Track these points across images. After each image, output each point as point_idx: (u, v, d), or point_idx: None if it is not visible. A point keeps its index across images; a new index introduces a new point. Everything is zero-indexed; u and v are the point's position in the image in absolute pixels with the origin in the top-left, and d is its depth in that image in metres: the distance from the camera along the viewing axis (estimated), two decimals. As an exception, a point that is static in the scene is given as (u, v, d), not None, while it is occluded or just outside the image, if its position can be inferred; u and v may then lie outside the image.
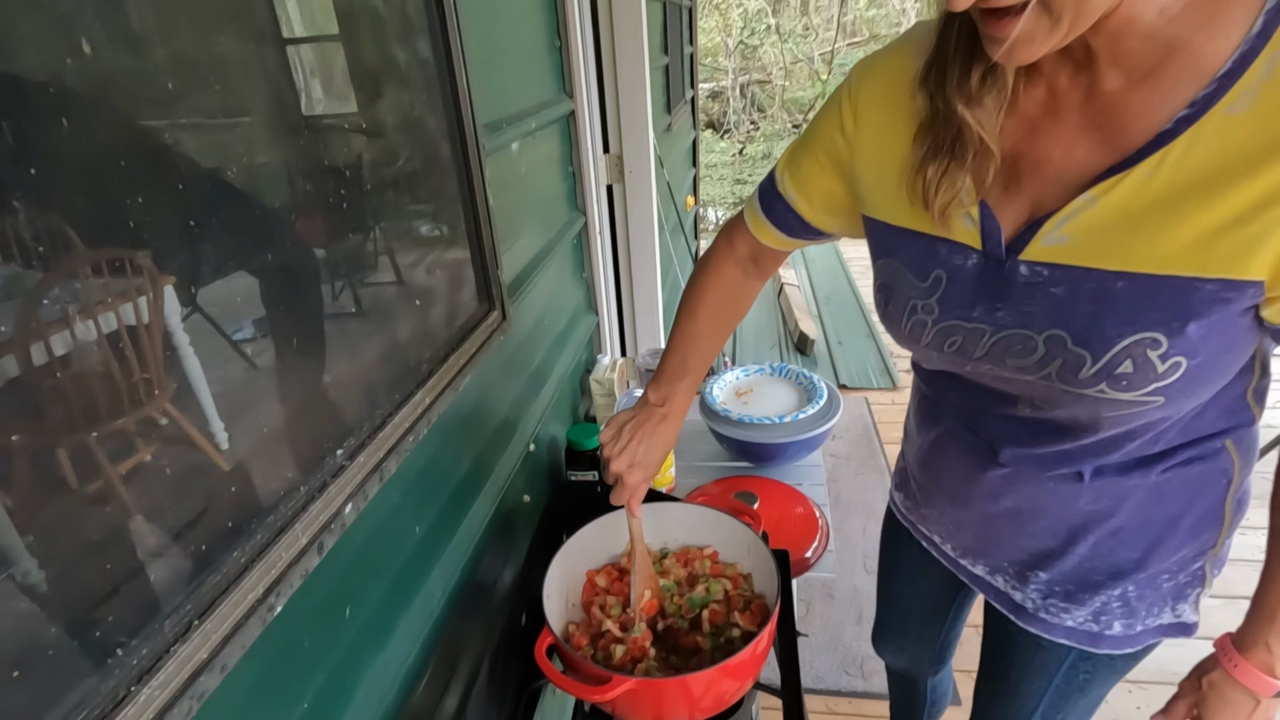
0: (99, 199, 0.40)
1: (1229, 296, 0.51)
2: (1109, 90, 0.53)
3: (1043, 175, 0.57)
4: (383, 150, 0.72)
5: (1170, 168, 0.50)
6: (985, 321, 0.62)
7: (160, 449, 0.45)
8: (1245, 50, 0.47)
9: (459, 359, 0.85)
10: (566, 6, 1.32)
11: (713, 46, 10.75)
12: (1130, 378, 0.55)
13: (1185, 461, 0.67)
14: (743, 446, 1.38)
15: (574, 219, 1.48)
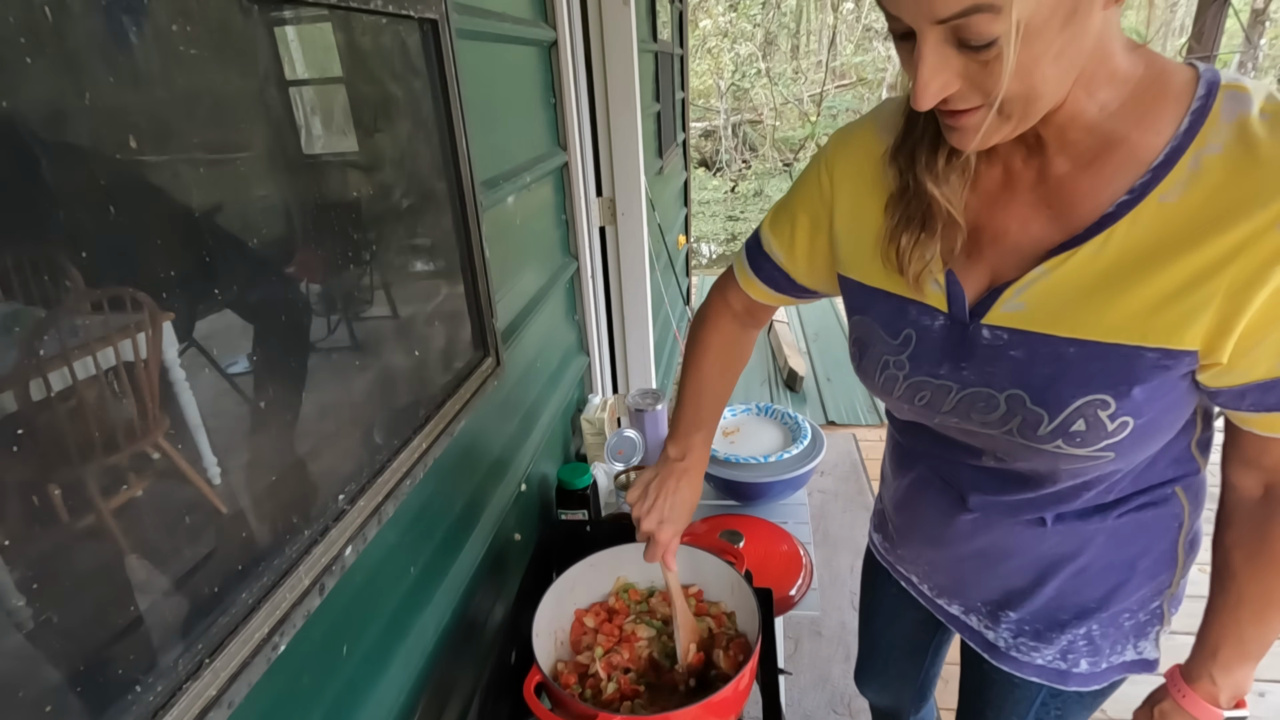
0: (101, 236, 0.42)
1: (1168, 364, 0.56)
2: (1058, 173, 0.59)
3: (1002, 246, 0.62)
4: (386, 210, 0.77)
5: (1114, 246, 0.55)
6: (952, 379, 0.66)
7: (172, 491, 0.48)
8: (1175, 145, 0.53)
9: (454, 404, 0.89)
10: (561, 65, 1.40)
11: (705, 89, 11.05)
12: (1083, 435, 0.59)
13: (1139, 507, 0.71)
14: (729, 485, 1.42)
15: (567, 264, 1.54)
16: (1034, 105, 0.51)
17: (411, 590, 0.82)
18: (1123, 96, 0.54)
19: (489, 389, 0.99)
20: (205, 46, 0.50)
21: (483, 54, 1.04)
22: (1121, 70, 0.54)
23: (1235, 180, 0.50)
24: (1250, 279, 0.50)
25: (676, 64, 3.95)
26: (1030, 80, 0.49)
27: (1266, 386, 0.55)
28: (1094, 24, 0.48)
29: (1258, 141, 0.50)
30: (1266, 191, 0.49)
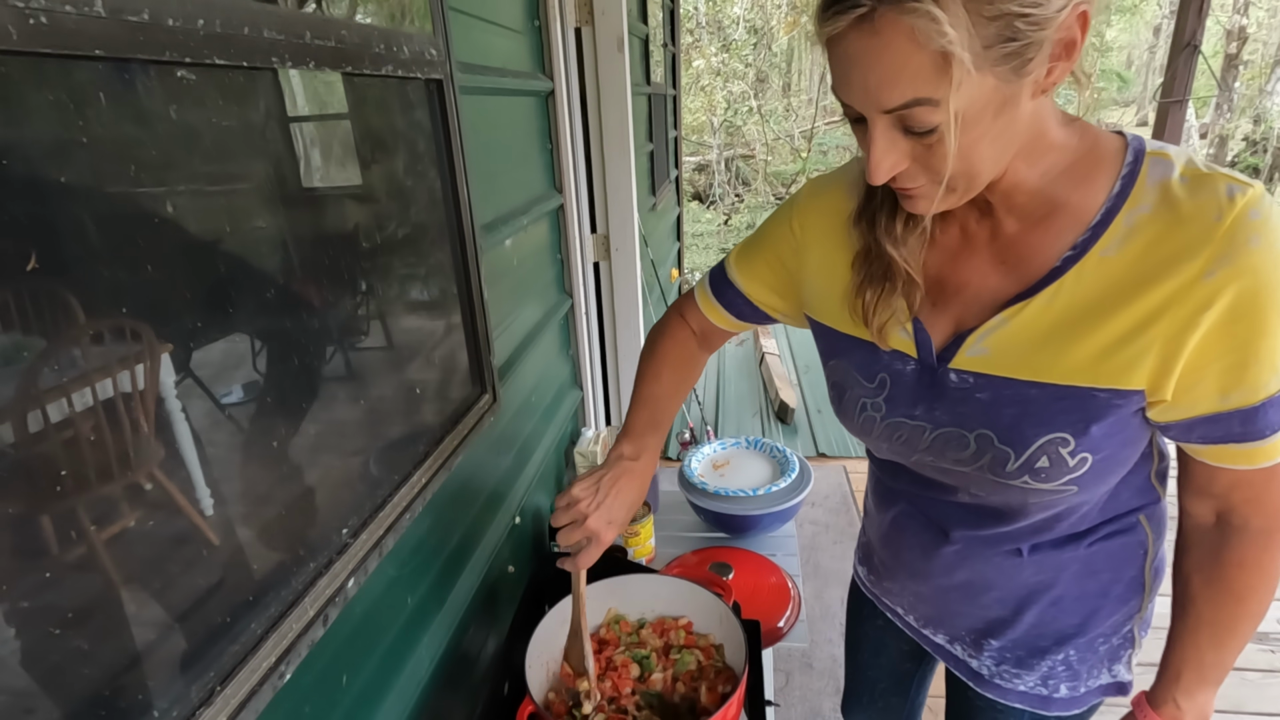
0: (104, 268, 0.44)
1: (1119, 403, 0.61)
2: (1009, 232, 0.64)
3: (963, 297, 0.68)
4: (390, 254, 0.82)
5: (1064, 297, 0.61)
6: (926, 420, 0.71)
7: (183, 524, 0.51)
8: (1109, 206, 0.59)
9: (452, 440, 0.93)
10: (558, 113, 1.47)
11: (699, 124, 11.28)
12: (1048, 471, 0.64)
13: (1108, 536, 0.75)
14: (719, 518, 1.45)
15: (561, 301, 1.58)
16: (975, 180, 0.58)
17: (408, 622, 0.85)
18: (1062, 164, 0.60)
19: (486, 425, 1.03)
20: (223, 99, 0.55)
21: (484, 106, 1.10)
22: (1059, 141, 0.60)
23: (1164, 237, 0.56)
24: (1184, 324, 0.56)
25: (669, 104, 4.07)
26: (970, 160, 0.55)
27: (1211, 420, 0.60)
28: (1025, 111, 0.54)
29: (1180, 202, 0.56)
30: (1191, 247, 0.55)
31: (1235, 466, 0.63)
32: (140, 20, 0.44)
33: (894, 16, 0.48)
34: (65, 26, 0.39)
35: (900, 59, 0.49)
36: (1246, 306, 0.55)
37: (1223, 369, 0.57)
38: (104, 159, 0.44)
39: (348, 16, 0.74)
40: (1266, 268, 0.54)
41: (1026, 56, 0.50)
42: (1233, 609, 0.69)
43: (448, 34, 0.89)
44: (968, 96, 0.50)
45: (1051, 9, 0.49)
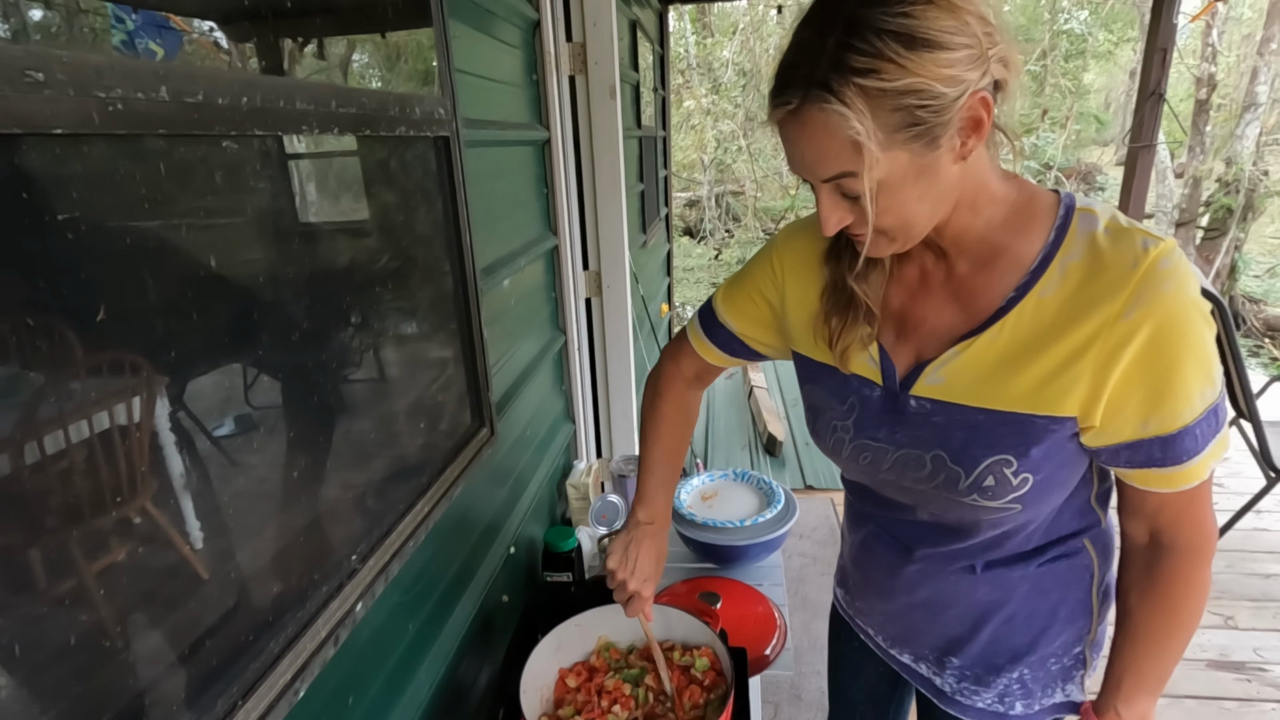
0: (104, 301, 0.45)
1: (1055, 428, 0.68)
2: (961, 273, 0.72)
3: (922, 330, 0.75)
4: (396, 298, 0.88)
5: (1008, 333, 0.68)
6: (889, 441, 0.78)
7: (152, 551, 0.55)
8: (1045, 253, 0.67)
9: (453, 471, 0.98)
10: (553, 160, 1.55)
11: (690, 162, 11.54)
12: (994, 489, 0.71)
13: (1055, 558, 0.82)
14: (707, 549, 1.49)
15: (555, 338, 1.65)
16: (911, 230, 0.66)
17: (410, 647, 0.88)
18: (1003, 214, 0.69)
19: (484, 457, 1.08)
20: (233, 148, 0.61)
21: (486, 157, 1.18)
22: (999, 194, 0.68)
23: (1090, 281, 0.64)
24: (1108, 358, 0.63)
25: (659, 145, 4.20)
26: (901, 215, 0.64)
27: (1134, 446, 0.67)
28: (950, 174, 0.63)
29: (1103, 251, 0.64)
30: (1111, 290, 0.63)
31: (1159, 489, 0.70)
32: (196, 101, 0.51)
33: (813, 111, 0.58)
34: (136, 110, 0.46)
35: (823, 143, 0.60)
36: (1161, 344, 0.62)
37: (1143, 399, 0.64)
38: (110, 196, 0.47)
39: (359, 71, 0.82)
40: (1176, 310, 0.61)
41: (933, 135, 0.59)
42: (1165, 621, 0.75)
43: (454, 94, 0.96)
44: (885, 169, 0.60)
45: (947, 100, 0.57)
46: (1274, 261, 8.73)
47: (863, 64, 0.56)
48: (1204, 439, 0.66)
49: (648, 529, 0.96)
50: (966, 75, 0.57)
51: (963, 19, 0.57)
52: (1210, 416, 0.65)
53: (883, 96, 0.56)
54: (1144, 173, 3.94)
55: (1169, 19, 3.77)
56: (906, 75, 0.55)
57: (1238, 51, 10.50)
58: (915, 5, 0.56)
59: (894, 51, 0.55)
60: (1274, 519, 2.89)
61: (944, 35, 0.56)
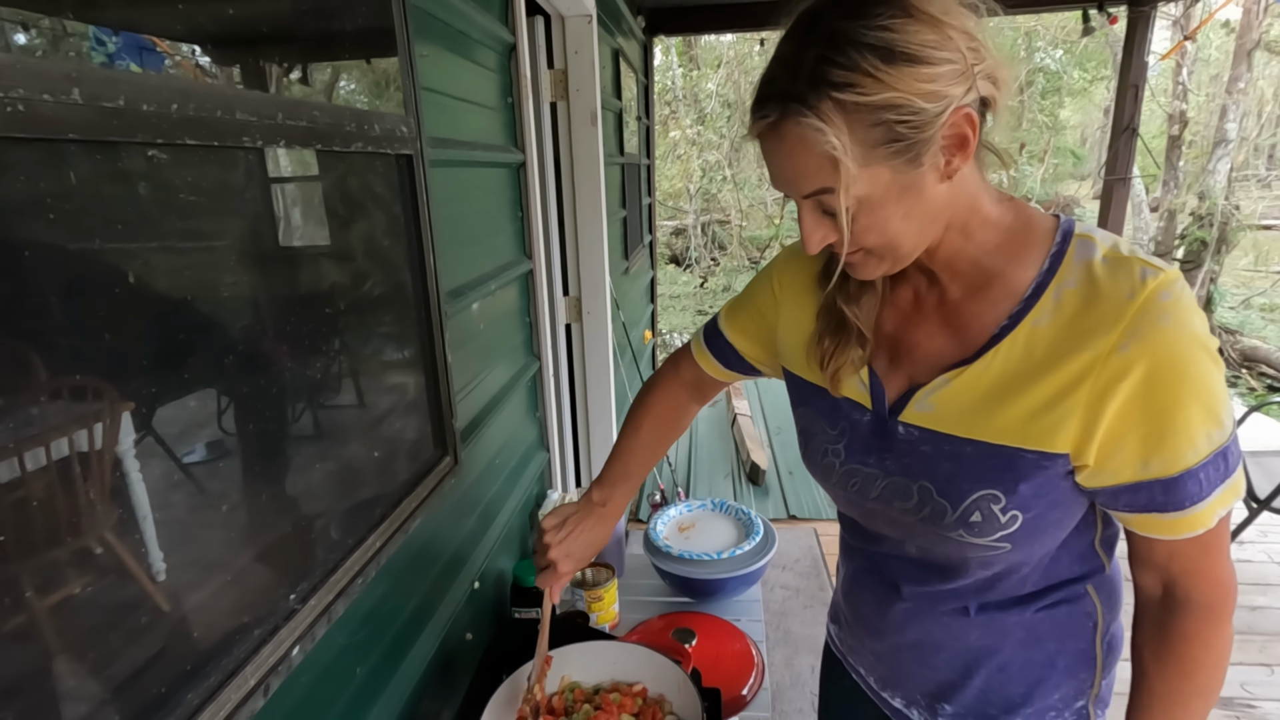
0: (68, 325, 0.45)
1: (1046, 465, 0.64)
2: (954, 298, 0.70)
3: (915, 356, 0.73)
4: (355, 319, 0.84)
5: (999, 362, 0.65)
6: (878, 468, 0.75)
7: (119, 588, 0.50)
8: (1040, 281, 0.64)
9: (411, 502, 0.93)
10: (528, 183, 1.53)
11: (675, 191, 11.66)
12: (981, 526, 0.67)
13: (1053, 604, 0.77)
14: (683, 582, 1.44)
15: (530, 363, 1.61)
16: (898, 251, 0.64)
17: (357, 693, 0.83)
18: (997, 238, 0.66)
19: (446, 487, 1.03)
20: (187, 167, 0.57)
21: (455, 178, 1.15)
22: (993, 217, 0.66)
23: (1085, 312, 0.61)
24: (1102, 393, 0.60)
25: (643, 173, 4.22)
26: (885, 234, 0.62)
27: (1134, 488, 0.63)
28: (936, 193, 0.60)
29: (1100, 280, 0.61)
30: (1106, 322, 0.60)
31: (1164, 537, 0.65)
32: (115, 106, 0.47)
33: (790, 126, 0.57)
34: (41, 114, 0.42)
35: (801, 158, 0.59)
36: (1160, 380, 0.59)
37: (1141, 438, 0.61)
38: (69, 219, 0.46)
39: (328, 89, 0.79)
40: (1176, 345, 0.58)
41: (915, 152, 0.57)
42: (1181, 684, 0.69)
43: (419, 112, 0.94)
44: (866, 185, 0.58)
45: (929, 115, 0.55)
46: (1248, 293, 8.90)
47: (840, 78, 0.54)
48: (1210, 484, 0.61)
49: (596, 510, 0.94)
50: (949, 91, 0.55)
51: (946, 34, 0.55)
52: (1218, 460, 0.61)
53: (861, 111, 0.55)
54: (1120, 205, 4.01)
55: (1140, 57, 3.87)
56: (885, 90, 0.54)
57: (1207, 90, 10.85)
58: (895, 19, 0.54)
59: (872, 65, 0.54)
60: (1257, 550, 2.89)
61: (925, 50, 0.54)
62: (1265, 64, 10.71)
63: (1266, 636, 2.37)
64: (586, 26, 2.26)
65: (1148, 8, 3.76)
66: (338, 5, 0.79)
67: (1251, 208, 9.08)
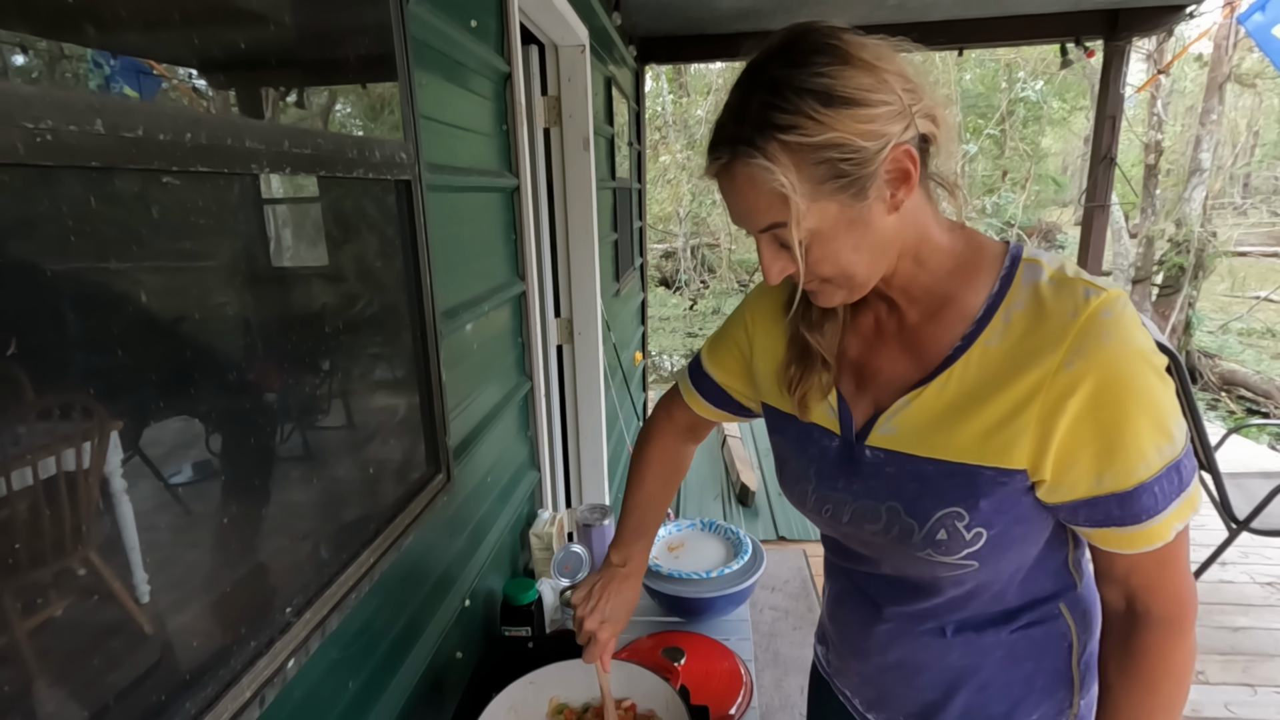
0: (58, 342, 0.45)
1: (1004, 481, 0.67)
2: (912, 323, 0.73)
3: (878, 380, 0.75)
4: (351, 338, 0.86)
5: (954, 383, 0.68)
6: (847, 492, 0.77)
7: (98, 603, 0.50)
8: (990, 303, 0.68)
9: (404, 519, 0.94)
10: (522, 207, 1.56)
11: (666, 214, 11.78)
12: (947, 544, 0.69)
13: (1028, 624, 0.78)
14: (673, 602, 1.45)
15: (521, 383, 1.63)
16: (853, 280, 0.67)
17: (349, 707, 0.83)
18: (950, 264, 0.70)
19: (439, 504, 1.04)
20: (201, 194, 0.60)
21: (451, 202, 1.18)
22: (944, 245, 0.69)
23: (1032, 331, 0.64)
24: (1053, 409, 0.63)
25: (635, 197, 4.28)
26: (839, 264, 0.66)
27: (1091, 503, 0.65)
28: (884, 224, 0.64)
29: (1046, 301, 0.64)
30: (1052, 341, 0.63)
31: (1123, 551, 0.67)
32: (134, 135, 0.50)
33: (740, 166, 0.62)
34: (67, 143, 0.45)
35: (751, 196, 0.63)
36: (1106, 396, 0.61)
37: (1094, 453, 0.63)
38: (67, 240, 0.46)
39: (325, 114, 0.82)
40: (1119, 361, 0.61)
41: (860, 186, 0.61)
42: (1144, 698, 0.71)
43: (418, 139, 0.97)
44: (816, 219, 0.62)
45: (869, 153, 0.60)
46: (1226, 318, 9.08)
47: (784, 120, 0.59)
48: (1165, 497, 0.63)
49: (619, 572, 0.96)
50: (887, 129, 0.59)
51: (881, 78, 0.59)
52: (1171, 473, 0.63)
53: (805, 150, 0.59)
54: (1100, 231, 4.11)
55: (1117, 89, 4.00)
56: (826, 130, 0.58)
57: (1182, 121, 11.15)
58: (832, 65, 0.59)
59: (812, 109, 0.58)
60: (1238, 570, 2.92)
61: (861, 93, 0.59)
62: (1237, 96, 11.05)
63: (1249, 657, 2.40)
64: (579, 56, 2.32)
65: (1123, 42, 3.89)
66: (341, 37, 0.83)
67: (1227, 234, 9.32)
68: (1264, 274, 10.72)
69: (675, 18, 3.67)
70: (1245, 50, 8.15)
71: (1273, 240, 12.02)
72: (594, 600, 0.93)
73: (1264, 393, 6.99)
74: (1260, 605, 2.69)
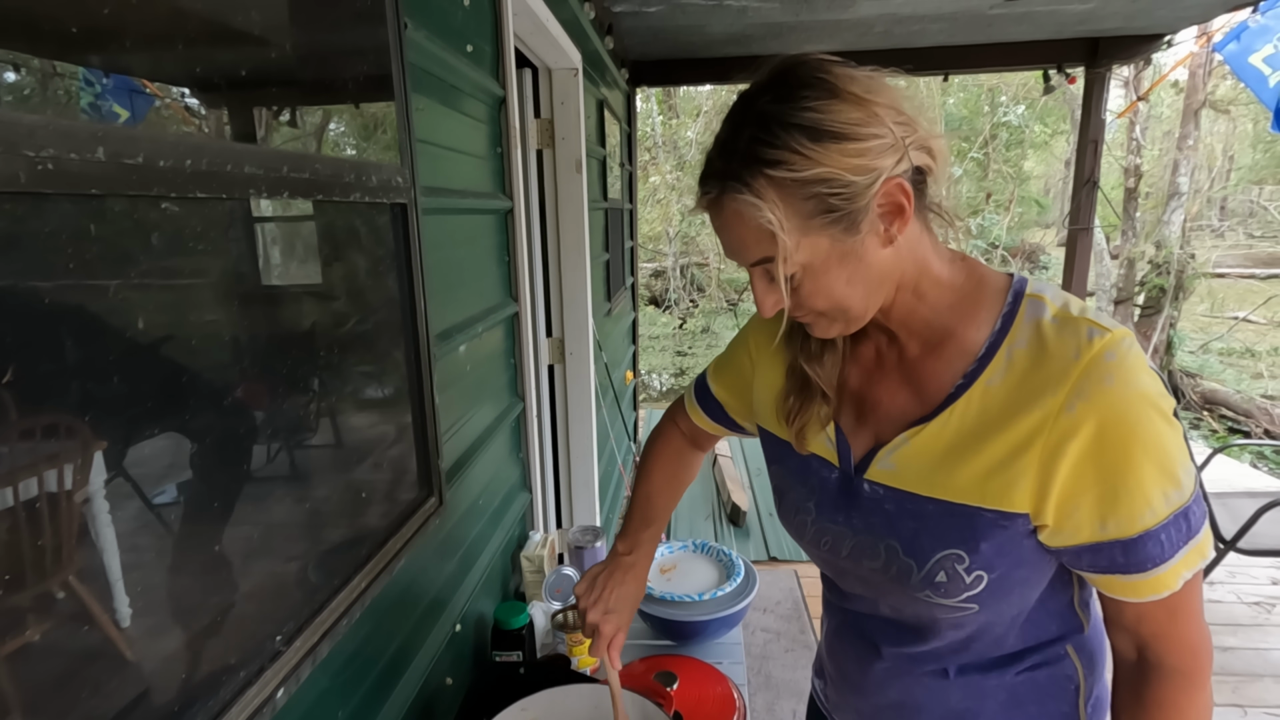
0: (41, 362, 0.44)
1: (1005, 524, 0.65)
2: (913, 356, 0.72)
3: (878, 413, 0.74)
4: (345, 360, 0.86)
5: (955, 421, 0.67)
6: (846, 526, 0.75)
7: (78, 628, 0.49)
8: (992, 341, 0.66)
9: (396, 543, 0.93)
10: (516, 229, 1.57)
11: (655, 234, 11.86)
12: (947, 586, 0.68)
13: (1033, 666, 0.76)
14: (664, 624, 1.44)
15: (514, 404, 1.62)
16: (848, 312, 0.67)
17: (337, 737, 0.82)
18: (950, 298, 0.68)
19: (431, 527, 1.04)
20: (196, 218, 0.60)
21: (446, 224, 1.19)
22: (944, 278, 0.68)
23: (1034, 371, 0.63)
24: (1054, 452, 0.61)
25: (626, 217, 4.31)
26: (832, 298, 0.65)
27: (1094, 549, 0.63)
28: (880, 257, 0.64)
29: (1048, 340, 0.63)
30: (1054, 382, 0.61)
31: (1128, 599, 0.65)
32: (135, 163, 0.50)
33: (729, 201, 0.62)
34: (69, 171, 0.45)
35: (740, 231, 0.63)
36: (1109, 440, 0.59)
37: (1097, 498, 0.61)
38: (52, 259, 0.46)
39: (322, 136, 0.82)
40: (1122, 405, 0.59)
41: (852, 220, 0.61)
42: None
43: (414, 163, 0.98)
44: (807, 254, 0.62)
45: (859, 187, 0.59)
46: (1206, 338, 9.22)
47: (772, 156, 0.59)
48: (1172, 545, 0.61)
49: (625, 561, 0.95)
50: (877, 163, 0.59)
51: (871, 111, 0.59)
52: (1179, 520, 0.61)
53: (794, 185, 0.59)
54: (1084, 254, 4.18)
55: (1098, 115, 4.09)
56: (814, 165, 0.58)
57: (1160, 145, 11.40)
58: (820, 100, 0.59)
59: (799, 143, 0.58)
60: (1226, 590, 2.94)
61: (850, 127, 0.58)
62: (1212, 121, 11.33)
63: (1239, 677, 2.41)
64: (572, 79, 2.35)
65: (1103, 69, 3.99)
66: (340, 62, 0.84)
67: (1206, 256, 9.49)
68: (1242, 295, 10.92)
69: (667, 42, 3.73)
70: (1220, 78, 8.38)
71: (1249, 262, 12.27)
72: (597, 591, 0.91)
73: (1245, 411, 7.08)
74: (1249, 625, 2.71)
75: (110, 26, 0.51)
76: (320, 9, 0.80)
